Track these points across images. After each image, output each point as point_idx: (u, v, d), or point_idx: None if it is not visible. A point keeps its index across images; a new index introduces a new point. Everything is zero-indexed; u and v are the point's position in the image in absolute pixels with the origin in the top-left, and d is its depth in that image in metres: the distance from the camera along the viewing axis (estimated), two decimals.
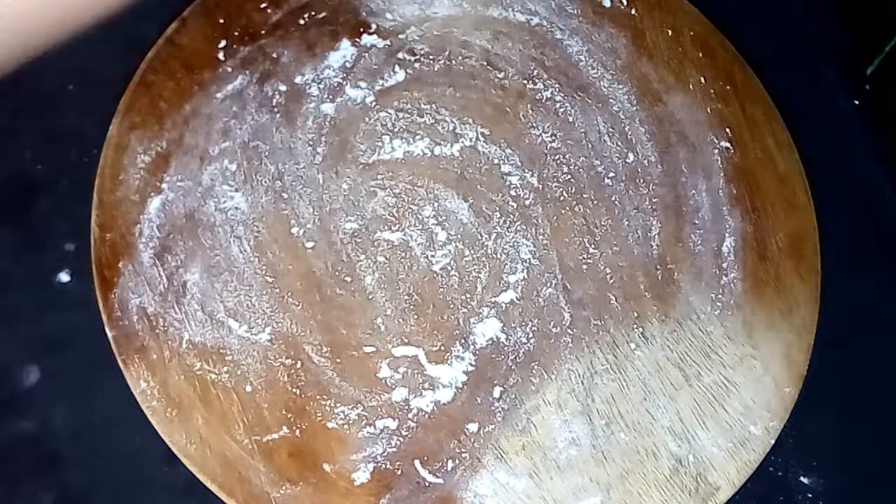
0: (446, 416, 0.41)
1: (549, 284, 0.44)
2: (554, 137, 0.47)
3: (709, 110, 0.49)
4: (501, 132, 0.48)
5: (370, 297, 0.43)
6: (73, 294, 0.45)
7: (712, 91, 0.49)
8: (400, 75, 0.48)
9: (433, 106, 0.48)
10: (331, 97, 0.47)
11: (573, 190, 0.46)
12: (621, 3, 0.50)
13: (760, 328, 0.44)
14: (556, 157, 0.47)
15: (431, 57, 0.49)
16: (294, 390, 0.41)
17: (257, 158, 0.45)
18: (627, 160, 0.47)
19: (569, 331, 0.43)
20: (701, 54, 0.50)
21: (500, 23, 0.49)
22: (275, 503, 0.39)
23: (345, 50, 0.48)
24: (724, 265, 0.45)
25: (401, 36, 0.48)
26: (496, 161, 0.47)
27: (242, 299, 0.42)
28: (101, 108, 0.46)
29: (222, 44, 0.48)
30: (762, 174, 0.48)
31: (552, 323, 0.43)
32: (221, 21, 0.48)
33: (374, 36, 0.48)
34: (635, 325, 0.44)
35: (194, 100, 0.46)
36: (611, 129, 0.48)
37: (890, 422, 0.48)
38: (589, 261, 0.45)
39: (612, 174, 0.47)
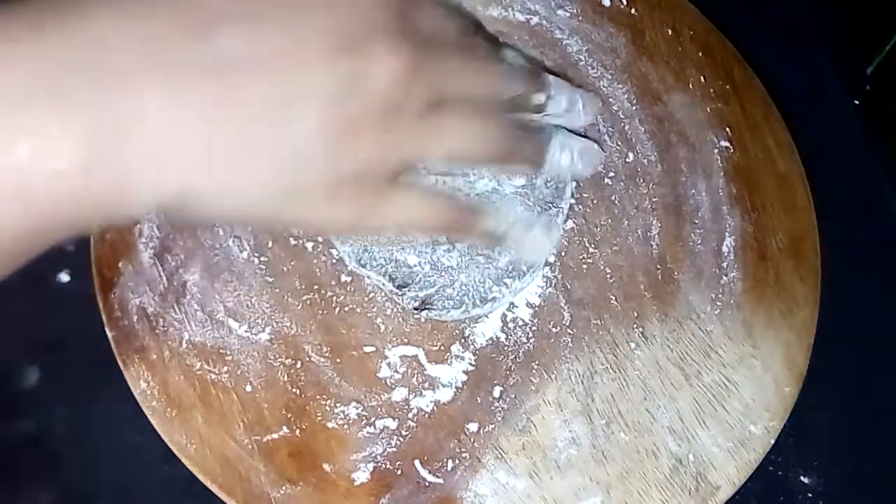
0: (446, 416, 0.41)
1: (549, 284, 0.44)
2: None
3: (708, 110, 0.49)
4: None
5: (370, 296, 0.43)
6: (73, 294, 0.45)
7: (712, 90, 0.49)
8: None
9: None
10: None
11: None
12: (621, 2, 0.50)
13: (760, 328, 0.44)
14: None
15: None
16: (294, 390, 0.41)
17: None
18: (627, 160, 0.47)
19: (569, 330, 0.43)
20: (701, 54, 0.50)
21: (499, 22, 0.49)
22: (275, 503, 0.39)
23: None
24: (724, 265, 0.45)
25: None
26: None
27: (242, 299, 0.42)
28: None
29: None
30: (762, 174, 0.48)
31: (552, 323, 0.43)
32: None
33: None
34: (635, 325, 0.44)
35: None
36: (610, 129, 0.48)
37: (890, 421, 0.48)
38: (589, 260, 0.45)
39: (611, 174, 0.47)
